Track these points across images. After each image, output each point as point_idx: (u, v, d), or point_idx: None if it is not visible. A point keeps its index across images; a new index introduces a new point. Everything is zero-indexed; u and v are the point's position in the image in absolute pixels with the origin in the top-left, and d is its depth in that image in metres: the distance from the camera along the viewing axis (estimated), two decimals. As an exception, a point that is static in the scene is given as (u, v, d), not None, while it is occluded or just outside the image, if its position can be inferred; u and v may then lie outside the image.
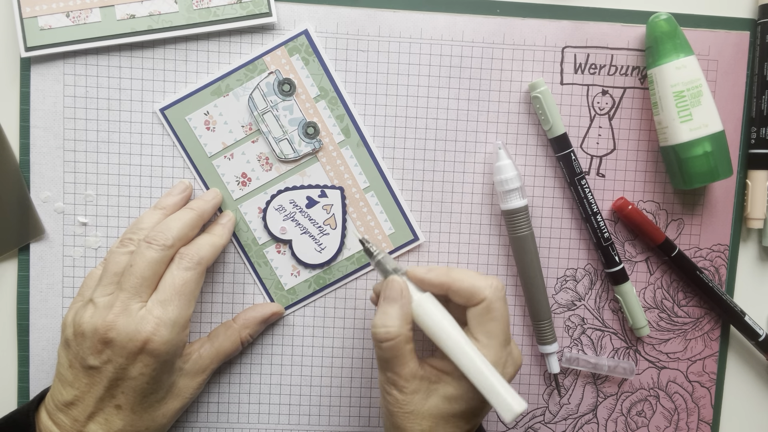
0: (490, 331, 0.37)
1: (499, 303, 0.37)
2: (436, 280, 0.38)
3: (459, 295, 0.37)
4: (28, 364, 0.46)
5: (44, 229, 0.46)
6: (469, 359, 0.35)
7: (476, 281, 0.37)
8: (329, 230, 0.47)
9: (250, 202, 0.47)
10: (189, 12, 0.44)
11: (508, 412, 0.34)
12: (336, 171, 0.47)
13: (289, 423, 0.48)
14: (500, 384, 0.35)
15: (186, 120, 0.46)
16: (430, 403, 0.36)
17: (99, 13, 0.43)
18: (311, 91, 0.46)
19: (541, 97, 0.46)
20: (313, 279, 0.47)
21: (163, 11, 0.44)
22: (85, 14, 0.43)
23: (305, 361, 0.48)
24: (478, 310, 0.37)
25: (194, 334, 0.47)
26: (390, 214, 0.47)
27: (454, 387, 0.37)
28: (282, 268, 0.47)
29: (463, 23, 0.47)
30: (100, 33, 0.44)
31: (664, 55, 0.45)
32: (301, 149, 0.46)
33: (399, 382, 0.36)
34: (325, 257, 0.47)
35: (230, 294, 0.47)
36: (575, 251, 0.49)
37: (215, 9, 0.44)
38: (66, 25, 0.43)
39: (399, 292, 0.37)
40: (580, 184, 0.47)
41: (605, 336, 0.49)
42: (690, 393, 0.50)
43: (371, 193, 0.47)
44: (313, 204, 0.47)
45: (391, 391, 0.37)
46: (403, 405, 0.36)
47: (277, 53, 0.46)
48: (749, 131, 0.49)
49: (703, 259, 0.50)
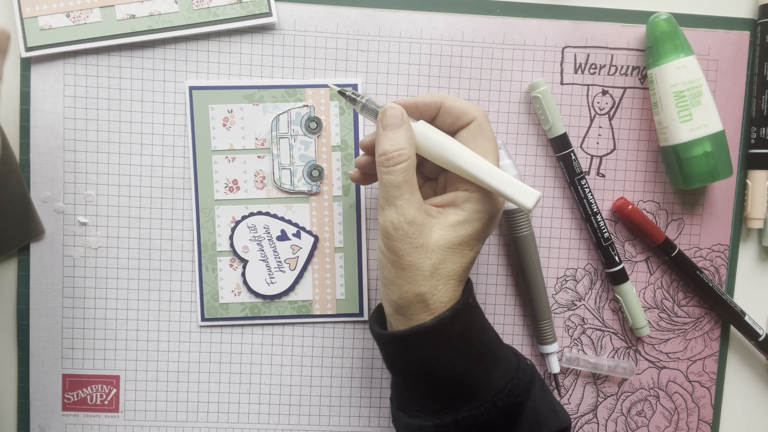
0: (484, 149, 0.37)
1: (487, 123, 0.38)
2: (428, 99, 0.38)
3: (450, 114, 0.38)
4: (28, 364, 0.46)
5: (44, 229, 0.46)
6: (481, 162, 0.36)
7: (466, 103, 0.38)
8: (287, 269, 0.47)
9: (228, 208, 0.47)
10: (189, 12, 0.44)
11: (529, 198, 0.35)
12: (320, 219, 0.47)
13: (289, 423, 0.48)
14: (514, 179, 0.36)
15: (208, 108, 0.46)
16: (436, 235, 0.36)
17: (99, 13, 0.44)
18: (333, 139, 0.46)
19: (541, 97, 0.46)
20: (249, 306, 0.47)
21: (164, 11, 0.44)
22: (86, 14, 0.44)
23: (305, 361, 0.48)
24: (471, 129, 0.37)
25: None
26: (348, 282, 0.47)
27: (457, 214, 0.36)
28: (226, 281, 0.47)
29: (463, 23, 0.47)
30: (101, 33, 0.44)
31: (664, 55, 0.45)
32: (298, 185, 0.46)
33: (410, 211, 0.35)
34: (272, 291, 0.47)
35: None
36: (575, 251, 0.49)
37: (215, 9, 0.44)
38: (66, 25, 0.44)
39: (400, 118, 0.37)
40: (580, 184, 0.47)
41: (605, 336, 0.49)
42: (690, 393, 0.50)
43: (341, 255, 0.47)
44: (284, 239, 0.47)
45: (401, 225, 0.35)
46: (414, 238, 0.35)
47: (321, 91, 0.46)
48: (749, 131, 0.49)
49: (703, 259, 0.50)
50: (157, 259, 0.47)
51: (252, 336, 0.48)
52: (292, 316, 0.47)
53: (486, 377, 0.36)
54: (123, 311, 0.47)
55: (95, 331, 0.47)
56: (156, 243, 0.47)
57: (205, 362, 0.48)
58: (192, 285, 0.47)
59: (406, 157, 0.36)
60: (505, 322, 0.49)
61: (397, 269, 0.36)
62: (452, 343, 0.35)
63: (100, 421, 0.47)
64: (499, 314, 0.49)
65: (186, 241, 0.47)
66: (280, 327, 0.48)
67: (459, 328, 0.36)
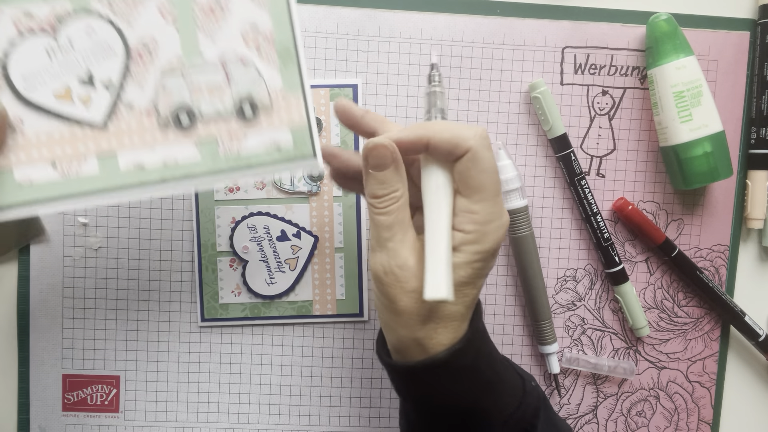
0: (480, 183, 0.33)
1: (486, 152, 0.33)
2: (412, 136, 0.33)
3: (440, 149, 0.33)
4: (28, 365, 0.46)
5: (45, 229, 0.46)
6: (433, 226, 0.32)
7: (459, 131, 0.32)
8: (287, 269, 0.47)
9: (228, 209, 0.46)
10: (214, 160, 0.34)
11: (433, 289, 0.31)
12: (320, 220, 0.47)
13: (289, 423, 0.48)
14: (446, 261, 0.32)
15: None
16: None
17: (96, 162, 0.33)
18: (333, 139, 0.46)
19: (541, 97, 0.46)
20: (249, 306, 0.47)
21: (182, 160, 0.34)
22: (78, 164, 0.33)
23: (305, 361, 0.48)
24: (464, 162, 0.32)
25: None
26: (348, 283, 0.47)
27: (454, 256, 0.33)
28: (226, 281, 0.47)
29: (463, 23, 0.47)
30: (98, 186, 0.33)
31: (664, 56, 0.45)
32: (298, 186, 0.46)
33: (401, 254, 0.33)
34: (272, 291, 0.47)
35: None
36: (575, 251, 0.49)
37: (247, 156, 0.34)
38: (52, 179, 0.33)
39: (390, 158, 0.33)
40: (580, 185, 0.47)
41: (605, 336, 0.49)
42: (690, 393, 0.50)
43: (341, 255, 0.47)
44: (284, 239, 0.47)
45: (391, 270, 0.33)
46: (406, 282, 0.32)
47: (321, 91, 0.46)
48: (749, 131, 0.49)
49: (703, 259, 0.50)
50: (156, 260, 0.47)
51: (252, 336, 0.48)
52: (292, 316, 0.47)
53: (494, 404, 0.35)
54: (123, 311, 0.47)
55: (95, 331, 0.47)
56: (156, 243, 0.47)
57: (205, 362, 0.48)
58: (192, 285, 0.47)
59: (398, 198, 0.33)
60: (505, 322, 0.49)
61: (391, 313, 0.33)
62: (462, 372, 0.34)
63: (100, 421, 0.47)
64: (499, 314, 0.49)
65: (186, 242, 0.47)
66: (280, 327, 0.48)
67: (470, 358, 0.34)
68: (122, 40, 0.34)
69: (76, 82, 0.33)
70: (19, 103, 0.33)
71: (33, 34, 0.33)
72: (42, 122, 0.33)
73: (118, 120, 0.34)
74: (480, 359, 0.35)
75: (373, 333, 0.48)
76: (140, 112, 0.34)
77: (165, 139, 0.34)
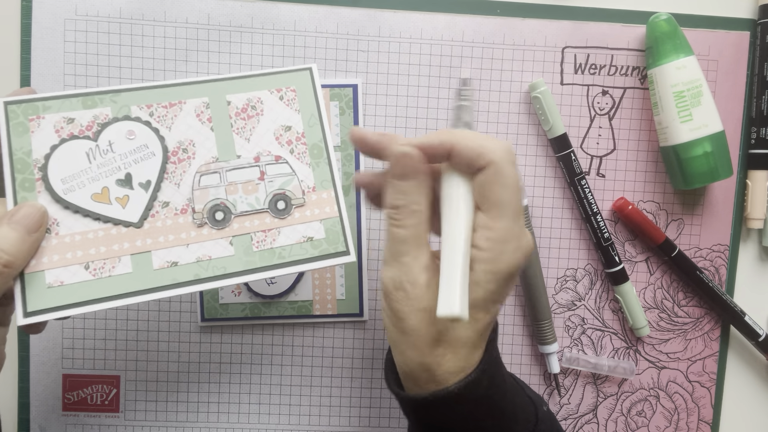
0: (500, 199, 0.31)
1: (510, 168, 0.31)
2: (436, 141, 0.32)
3: (462, 157, 0.31)
4: (29, 364, 0.46)
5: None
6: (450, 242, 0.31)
7: (484, 141, 0.31)
8: None
9: None
10: (248, 255, 0.35)
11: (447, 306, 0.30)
12: None
13: (289, 423, 0.48)
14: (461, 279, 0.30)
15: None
16: None
17: (130, 261, 0.33)
18: (333, 140, 0.46)
19: (541, 97, 0.46)
20: (249, 306, 0.47)
21: (215, 255, 0.34)
22: (111, 264, 0.33)
23: (305, 361, 0.48)
24: (486, 174, 0.31)
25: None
26: (348, 282, 0.47)
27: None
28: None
29: (463, 23, 0.47)
30: (131, 288, 0.33)
31: (664, 56, 0.45)
32: None
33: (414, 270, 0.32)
34: (272, 291, 0.47)
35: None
36: (575, 251, 0.49)
37: (280, 250, 0.35)
38: (84, 280, 0.33)
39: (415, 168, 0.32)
40: (580, 185, 0.47)
41: (605, 336, 0.49)
42: (690, 393, 0.50)
43: None
44: None
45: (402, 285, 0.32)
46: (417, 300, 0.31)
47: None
48: (749, 131, 0.49)
49: (703, 259, 0.50)
50: (157, 260, 0.47)
51: (252, 336, 0.48)
52: (292, 316, 0.47)
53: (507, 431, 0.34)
54: (123, 311, 0.47)
55: (95, 331, 0.47)
56: (156, 243, 0.47)
57: (205, 362, 0.48)
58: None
59: (416, 212, 0.32)
60: (505, 322, 0.49)
61: (398, 332, 0.32)
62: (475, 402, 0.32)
63: (100, 421, 0.47)
64: (500, 314, 0.49)
65: (186, 242, 0.47)
66: (281, 327, 0.48)
67: (483, 388, 0.32)
68: (161, 142, 0.34)
69: (113, 182, 0.34)
70: (56, 205, 0.33)
71: (74, 138, 0.33)
72: (77, 223, 0.33)
73: (154, 218, 0.34)
74: (493, 388, 0.33)
75: (373, 333, 0.48)
76: (176, 210, 0.34)
77: (199, 236, 0.34)
